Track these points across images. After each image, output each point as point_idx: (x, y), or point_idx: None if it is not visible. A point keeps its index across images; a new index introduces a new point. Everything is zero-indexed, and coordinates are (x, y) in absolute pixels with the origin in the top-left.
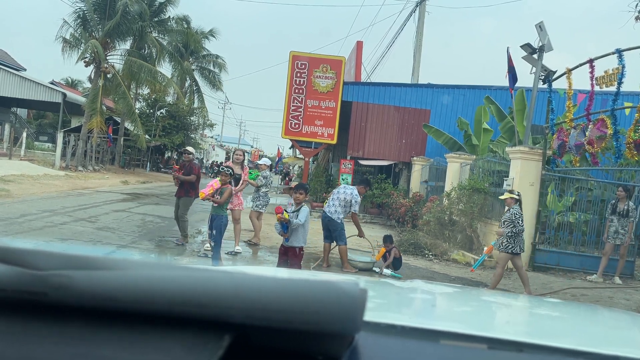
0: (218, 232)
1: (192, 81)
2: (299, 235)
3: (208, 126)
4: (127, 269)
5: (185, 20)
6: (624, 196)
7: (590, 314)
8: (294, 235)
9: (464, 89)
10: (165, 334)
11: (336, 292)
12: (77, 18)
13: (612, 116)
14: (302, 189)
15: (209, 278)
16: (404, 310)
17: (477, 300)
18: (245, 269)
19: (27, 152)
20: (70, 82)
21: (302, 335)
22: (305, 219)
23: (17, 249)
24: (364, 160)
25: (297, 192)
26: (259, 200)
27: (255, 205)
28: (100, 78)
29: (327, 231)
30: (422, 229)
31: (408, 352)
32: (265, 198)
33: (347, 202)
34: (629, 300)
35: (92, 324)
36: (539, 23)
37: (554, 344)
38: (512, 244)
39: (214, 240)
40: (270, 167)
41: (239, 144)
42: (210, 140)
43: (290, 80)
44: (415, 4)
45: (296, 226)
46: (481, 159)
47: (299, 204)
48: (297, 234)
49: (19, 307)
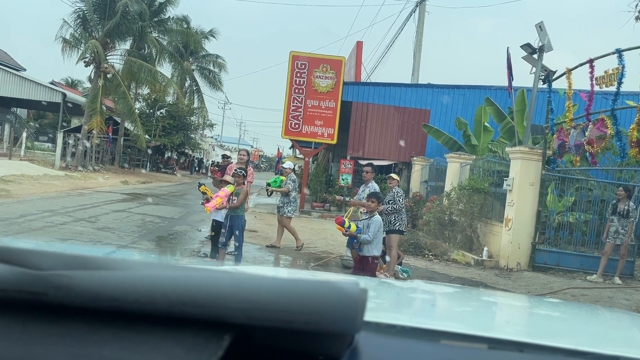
0: (240, 232)
1: (192, 81)
2: (372, 245)
3: (208, 126)
4: (127, 269)
5: (185, 21)
6: (624, 196)
7: (590, 314)
8: (366, 245)
9: (463, 89)
10: (165, 334)
11: (336, 292)
12: (77, 18)
13: (612, 116)
14: (374, 197)
15: (209, 278)
16: (404, 310)
17: (477, 300)
18: (245, 269)
19: (27, 152)
20: (70, 82)
21: (302, 335)
22: (373, 234)
23: (17, 249)
24: (363, 160)
25: (369, 200)
26: (290, 205)
27: (287, 211)
28: (100, 78)
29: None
30: (422, 229)
31: (408, 352)
32: (295, 203)
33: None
34: (629, 300)
35: (92, 324)
36: (539, 23)
37: (554, 344)
38: (398, 222)
39: (236, 241)
40: (293, 170)
41: (239, 144)
42: (210, 140)
43: (290, 80)
44: (415, 4)
45: (365, 242)
46: (481, 159)
47: (371, 213)
48: (370, 244)
49: (19, 307)
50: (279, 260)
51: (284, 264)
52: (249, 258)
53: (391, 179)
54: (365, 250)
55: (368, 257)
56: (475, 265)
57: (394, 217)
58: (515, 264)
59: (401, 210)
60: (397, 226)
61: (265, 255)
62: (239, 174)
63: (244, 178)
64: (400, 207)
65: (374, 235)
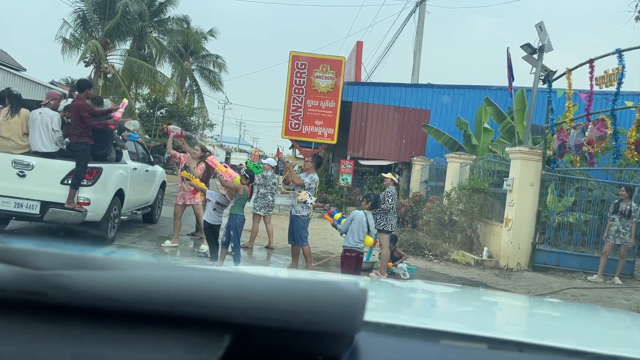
0: (235, 232)
1: (192, 81)
2: (347, 236)
3: (208, 126)
4: (127, 269)
5: (185, 21)
6: (626, 196)
7: (590, 314)
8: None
9: (464, 89)
10: (165, 334)
11: (336, 292)
12: (77, 18)
13: (612, 116)
14: (365, 197)
15: (209, 278)
16: (404, 310)
17: (477, 300)
18: (245, 269)
19: None
20: (70, 82)
21: (302, 335)
22: (345, 226)
23: (17, 249)
24: (364, 160)
25: (363, 200)
26: (257, 202)
27: (254, 207)
28: (100, 78)
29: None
30: (422, 229)
31: (408, 352)
32: (263, 200)
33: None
34: (629, 300)
35: (92, 324)
36: (538, 23)
37: (554, 344)
38: (383, 222)
39: (232, 241)
40: (277, 169)
41: (239, 144)
42: (210, 140)
43: (290, 80)
44: (415, 4)
45: (340, 231)
46: (481, 159)
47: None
48: (346, 235)
49: (19, 307)
50: (279, 260)
51: (285, 264)
52: (248, 258)
53: (385, 179)
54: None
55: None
56: (475, 265)
57: (380, 217)
58: (515, 264)
59: (389, 211)
60: (383, 226)
61: (265, 255)
62: (246, 176)
63: (247, 180)
64: (388, 208)
65: (345, 227)
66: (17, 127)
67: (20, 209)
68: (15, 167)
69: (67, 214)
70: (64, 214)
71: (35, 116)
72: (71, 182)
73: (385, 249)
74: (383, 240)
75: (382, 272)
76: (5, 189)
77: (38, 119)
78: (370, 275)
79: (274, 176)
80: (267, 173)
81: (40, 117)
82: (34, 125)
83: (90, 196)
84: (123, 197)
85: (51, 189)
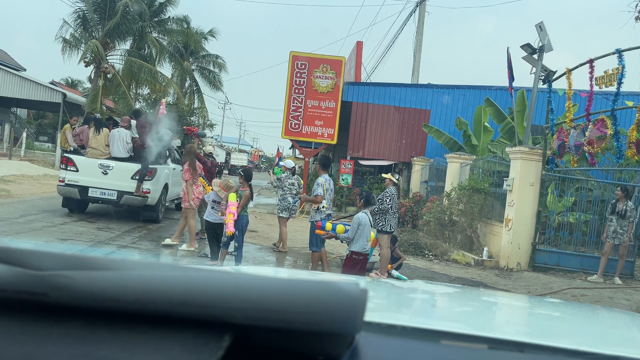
0: (240, 233)
1: (192, 81)
2: (352, 241)
3: (208, 126)
4: (127, 269)
5: (185, 21)
6: (622, 196)
7: (590, 314)
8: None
9: (464, 89)
10: (165, 334)
11: (336, 292)
12: (77, 18)
13: (612, 116)
14: (359, 197)
15: (209, 278)
16: (404, 310)
17: (477, 300)
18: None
19: (27, 153)
20: (70, 82)
21: (303, 336)
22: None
23: (17, 249)
24: (364, 160)
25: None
26: (278, 204)
27: (277, 210)
28: (100, 78)
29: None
30: (422, 229)
31: (408, 352)
32: (284, 202)
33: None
34: (629, 300)
35: (92, 324)
36: (539, 23)
37: (554, 344)
38: (382, 222)
39: (236, 241)
40: (294, 171)
41: (239, 144)
42: (210, 140)
43: (290, 81)
44: (415, 4)
45: (346, 239)
46: (481, 159)
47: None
48: (352, 240)
49: (19, 307)
50: (279, 260)
51: (284, 264)
52: (249, 258)
53: (385, 179)
54: (350, 246)
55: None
56: (475, 265)
57: (378, 217)
58: (515, 264)
59: (387, 211)
60: (381, 227)
61: (265, 255)
62: (242, 177)
63: (246, 182)
64: (385, 208)
65: (353, 233)
66: (101, 141)
67: (104, 196)
68: (101, 168)
69: (135, 199)
70: (133, 199)
71: (114, 133)
72: (138, 177)
73: (385, 250)
74: (383, 241)
75: (382, 273)
76: (94, 182)
77: (117, 135)
78: (371, 275)
79: (289, 177)
80: (281, 175)
81: (118, 134)
82: (114, 140)
83: (150, 187)
84: (167, 189)
85: (124, 182)
